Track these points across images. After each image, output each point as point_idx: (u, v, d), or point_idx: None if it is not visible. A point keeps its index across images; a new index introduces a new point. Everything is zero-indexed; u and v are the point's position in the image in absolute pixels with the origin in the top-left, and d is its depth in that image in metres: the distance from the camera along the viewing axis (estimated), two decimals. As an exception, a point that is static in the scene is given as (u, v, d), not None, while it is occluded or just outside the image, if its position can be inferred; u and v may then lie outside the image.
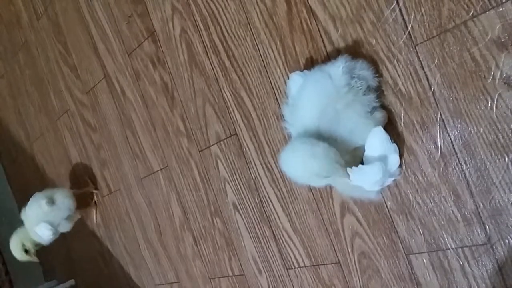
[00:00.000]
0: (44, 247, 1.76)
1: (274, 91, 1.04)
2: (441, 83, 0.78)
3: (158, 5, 1.27)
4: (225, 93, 1.16)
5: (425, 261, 0.87)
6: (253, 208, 1.18)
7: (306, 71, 0.89)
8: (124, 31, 1.43)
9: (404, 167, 0.85)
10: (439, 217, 0.83)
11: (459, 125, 0.77)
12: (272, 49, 1.02)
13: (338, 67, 0.81)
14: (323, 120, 0.81)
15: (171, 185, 1.44)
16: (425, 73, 0.79)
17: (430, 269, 0.87)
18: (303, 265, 1.10)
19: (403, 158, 0.85)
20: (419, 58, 0.79)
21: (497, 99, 0.72)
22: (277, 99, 1.04)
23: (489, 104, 0.73)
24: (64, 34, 1.74)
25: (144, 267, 1.72)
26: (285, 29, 0.98)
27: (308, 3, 0.93)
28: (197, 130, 1.27)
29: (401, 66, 0.82)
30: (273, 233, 1.15)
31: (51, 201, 1.65)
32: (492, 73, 0.72)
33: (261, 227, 1.18)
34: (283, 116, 0.91)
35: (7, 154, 2.54)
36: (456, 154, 0.79)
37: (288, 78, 0.94)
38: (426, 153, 0.82)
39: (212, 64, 1.17)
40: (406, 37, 0.80)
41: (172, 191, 1.45)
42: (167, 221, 1.51)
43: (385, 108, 0.85)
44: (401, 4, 0.79)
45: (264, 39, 1.03)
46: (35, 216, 1.64)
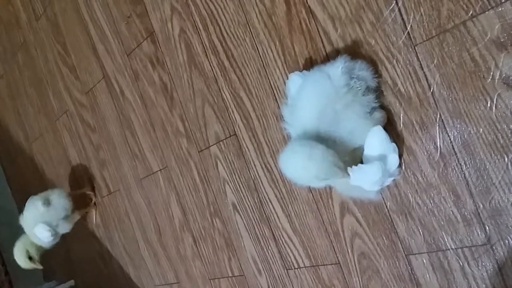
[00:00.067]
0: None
1: (273, 92, 1.04)
2: (440, 83, 0.78)
3: (157, 5, 1.27)
4: (224, 93, 1.16)
5: (425, 261, 0.87)
6: (252, 208, 1.18)
7: (305, 71, 0.89)
8: (123, 32, 1.42)
9: (403, 167, 0.85)
10: (439, 217, 0.83)
11: (458, 125, 0.77)
12: (271, 50, 1.02)
13: (337, 68, 0.81)
14: (322, 120, 0.81)
15: (170, 185, 1.44)
16: (424, 73, 0.79)
17: (430, 269, 0.87)
18: (303, 266, 1.10)
19: (402, 158, 0.85)
20: (418, 58, 0.79)
21: (496, 99, 0.72)
22: (276, 100, 1.04)
23: (489, 104, 0.73)
24: (63, 34, 1.74)
25: (143, 268, 1.71)
26: (284, 29, 0.98)
27: (307, 3, 0.93)
28: (197, 130, 1.27)
29: (400, 66, 0.82)
30: (273, 233, 1.15)
31: (47, 202, 1.65)
32: (491, 73, 0.72)
33: (260, 227, 1.17)
34: (282, 116, 0.91)
35: (6, 154, 2.54)
36: (455, 154, 0.79)
37: (287, 78, 0.94)
38: (425, 154, 0.82)
39: (211, 64, 1.17)
40: (405, 37, 0.80)
41: (171, 192, 1.45)
42: (166, 221, 1.51)
43: (384, 108, 0.85)
44: (400, 4, 0.79)
45: (263, 39, 1.03)
46: (32, 218, 1.65)
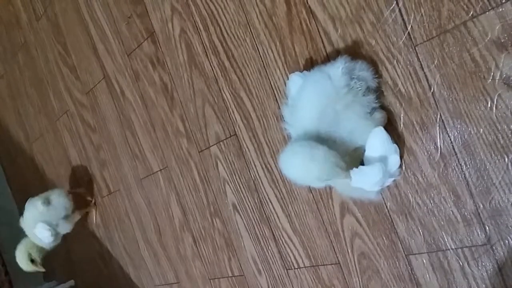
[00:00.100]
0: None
1: (273, 92, 1.04)
2: (440, 84, 0.78)
3: (157, 5, 1.27)
4: (225, 93, 1.16)
5: (425, 261, 0.87)
6: (252, 208, 1.18)
7: (305, 71, 0.89)
8: (123, 32, 1.43)
9: (404, 167, 0.85)
10: (439, 217, 0.83)
11: (459, 126, 0.77)
12: (271, 50, 1.02)
13: (337, 68, 0.81)
14: (322, 120, 0.81)
15: (170, 185, 1.44)
16: (424, 73, 0.79)
17: (430, 269, 0.87)
18: (303, 266, 1.10)
19: (402, 158, 0.85)
20: (418, 58, 0.79)
21: (496, 100, 0.72)
22: (276, 100, 1.04)
23: (489, 104, 0.73)
24: (63, 34, 1.74)
25: (143, 268, 1.71)
26: (284, 29, 0.98)
27: (307, 3, 0.93)
28: (197, 130, 1.27)
29: (400, 66, 0.82)
30: (273, 233, 1.15)
31: (47, 201, 1.65)
32: (491, 73, 0.72)
33: (260, 227, 1.17)
34: (282, 116, 0.91)
35: (6, 155, 2.53)
36: (456, 154, 0.79)
37: (287, 78, 0.94)
38: (426, 154, 0.82)
39: (211, 64, 1.17)
40: (405, 37, 0.80)
41: (171, 192, 1.45)
42: (166, 221, 1.51)
43: (384, 108, 0.85)
44: (400, 4, 0.79)
45: (263, 39, 1.03)
46: (32, 217, 1.65)
